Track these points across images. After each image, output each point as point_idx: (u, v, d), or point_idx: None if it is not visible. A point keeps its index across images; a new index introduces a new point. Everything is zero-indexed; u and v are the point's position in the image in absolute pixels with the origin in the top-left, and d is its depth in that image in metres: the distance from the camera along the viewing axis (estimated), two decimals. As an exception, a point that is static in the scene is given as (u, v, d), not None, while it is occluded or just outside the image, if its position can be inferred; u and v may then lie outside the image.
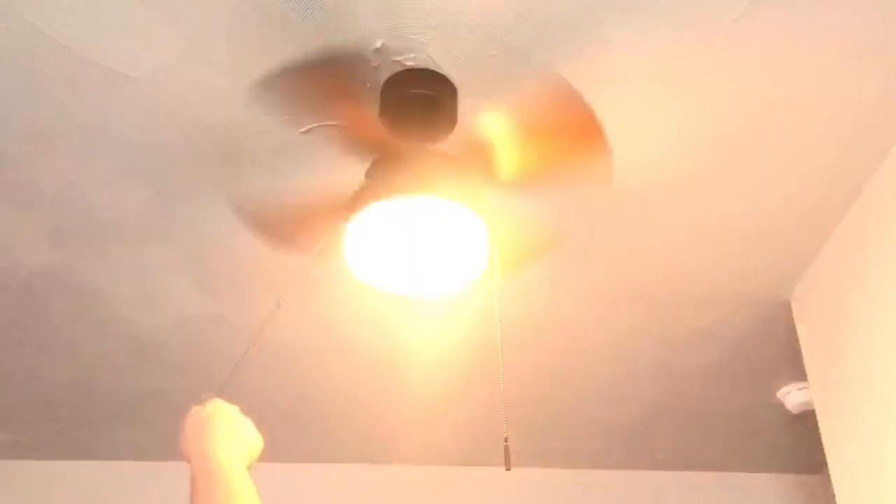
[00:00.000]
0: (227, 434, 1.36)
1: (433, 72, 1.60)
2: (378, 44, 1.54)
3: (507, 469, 1.44)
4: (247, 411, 2.97)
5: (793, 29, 1.54)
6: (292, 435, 3.09)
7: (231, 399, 1.48)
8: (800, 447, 3.23)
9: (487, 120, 1.70)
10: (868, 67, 1.63)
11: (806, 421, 2.94)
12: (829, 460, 2.18)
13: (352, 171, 1.81)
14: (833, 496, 2.18)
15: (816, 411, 2.26)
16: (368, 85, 1.62)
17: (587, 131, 1.76)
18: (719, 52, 1.57)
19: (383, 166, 1.66)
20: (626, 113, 1.71)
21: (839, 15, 1.51)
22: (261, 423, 3.21)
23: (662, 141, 1.79)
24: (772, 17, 1.51)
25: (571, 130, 1.76)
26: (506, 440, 1.46)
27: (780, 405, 2.91)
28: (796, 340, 2.38)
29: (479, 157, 1.79)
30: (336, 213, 1.78)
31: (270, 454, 3.57)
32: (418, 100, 1.62)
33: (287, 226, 1.97)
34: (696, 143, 1.80)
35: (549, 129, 1.75)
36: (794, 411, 2.84)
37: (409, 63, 1.58)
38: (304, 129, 1.73)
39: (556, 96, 1.66)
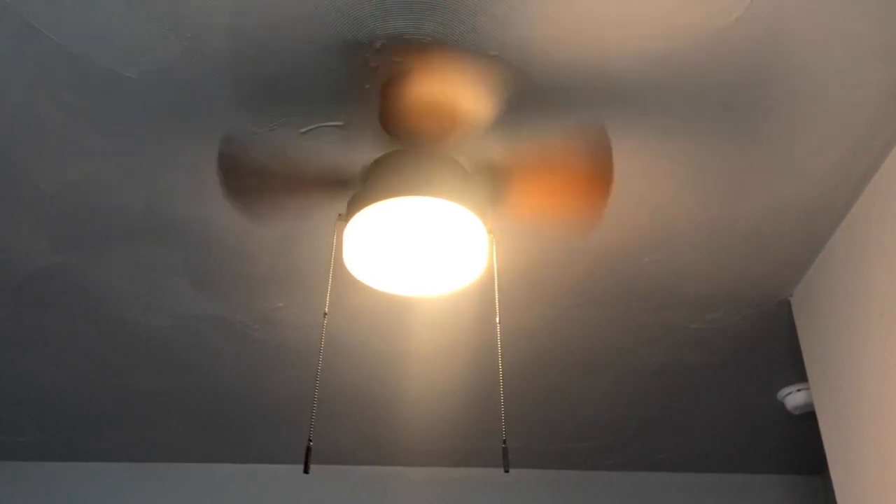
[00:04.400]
0: None
1: (433, 73, 1.60)
2: (378, 45, 1.54)
3: (506, 471, 1.45)
4: (247, 412, 2.99)
5: (792, 30, 1.54)
6: (292, 436, 3.09)
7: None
8: (800, 448, 3.23)
9: (491, 130, 1.71)
10: (868, 68, 1.63)
11: (806, 422, 2.95)
12: (829, 461, 2.18)
13: (352, 172, 1.82)
14: (833, 497, 2.17)
15: (816, 412, 2.26)
16: (368, 86, 1.63)
17: (599, 171, 1.78)
18: (721, 53, 1.57)
19: (383, 167, 1.66)
20: (626, 114, 1.71)
21: (841, 15, 1.51)
22: (261, 424, 3.23)
23: (662, 141, 1.79)
24: (774, 17, 1.51)
25: (584, 167, 1.78)
26: (504, 442, 1.47)
27: (781, 406, 2.91)
28: (796, 340, 2.38)
29: (481, 162, 1.79)
30: (327, 190, 1.78)
31: (271, 456, 3.60)
32: (418, 101, 1.62)
33: (277, 195, 1.93)
34: (696, 143, 1.80)
35: (565, 164, 1.76)
36: (795, 412, 2.84)
37: (409, 64, 1.58)
38: (304, 130, 1.74)
39: (586, 137, 1.68)
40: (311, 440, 1.52)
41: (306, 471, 1.46)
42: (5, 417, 2.92)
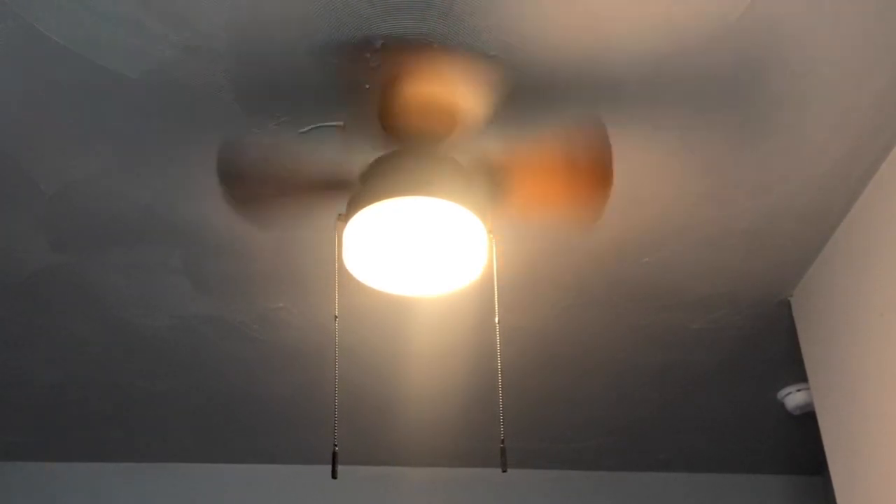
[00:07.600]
0: None
1: (433, 73, 1.60)
2: (378, 44, 1.54)
3: (504, 471, 1.45)
4: (247, 412, 2.99)
5: (793, 29, 1.54)
6: (293, 436, 3.09)
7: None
8: (800, 448, 3.23)
9: (490, 129, 1.71)
10: (868, 68, 1.63)
11: (806, 422, 2.94)
12: (829, 461, 2.18)
13: (352, 172, 1.82)
14: (833, 497, 2.18)
15: (816, 412, 2.26)
16: (368, 86, 1.63)
17: (599, 168, 1.78)
18: (721, 52, 1.57)
19: (383, 167, 1.66)
20: (626, 114, 1.71)
21: (840, 16, 1.52)
22: (261, 424, 3.23)
23: (663, 141, 1.79)
24: (774, 17, 1.51)
25: (584, 164, 1.78)
26: (502, 442, 1.46)
27: (781, 406, 2.91)
28: (796, 340, 2.38)
29: (480, 161, 1.79)
30: (328, 193, 1.78)
31: (272, 456, 3.60)
32: (418, 100, 1.62)
33: (278, 201, 1.92)
34: (696, 143, 1.80)
35: (564, 162, 1.76)
36: (795, 412, 2.84)
37: (409, 64, 1.58)
38: (304, 130, 1.73)
39: (585, 136, 1.68)
40: (336, 444, 1.51)
41: (334, 476, 1.44)
42: (5, 417, 2.92)
